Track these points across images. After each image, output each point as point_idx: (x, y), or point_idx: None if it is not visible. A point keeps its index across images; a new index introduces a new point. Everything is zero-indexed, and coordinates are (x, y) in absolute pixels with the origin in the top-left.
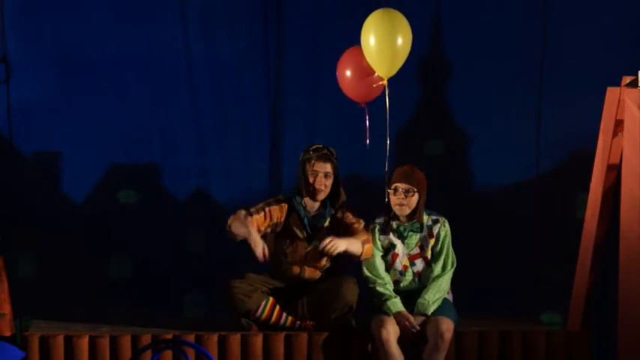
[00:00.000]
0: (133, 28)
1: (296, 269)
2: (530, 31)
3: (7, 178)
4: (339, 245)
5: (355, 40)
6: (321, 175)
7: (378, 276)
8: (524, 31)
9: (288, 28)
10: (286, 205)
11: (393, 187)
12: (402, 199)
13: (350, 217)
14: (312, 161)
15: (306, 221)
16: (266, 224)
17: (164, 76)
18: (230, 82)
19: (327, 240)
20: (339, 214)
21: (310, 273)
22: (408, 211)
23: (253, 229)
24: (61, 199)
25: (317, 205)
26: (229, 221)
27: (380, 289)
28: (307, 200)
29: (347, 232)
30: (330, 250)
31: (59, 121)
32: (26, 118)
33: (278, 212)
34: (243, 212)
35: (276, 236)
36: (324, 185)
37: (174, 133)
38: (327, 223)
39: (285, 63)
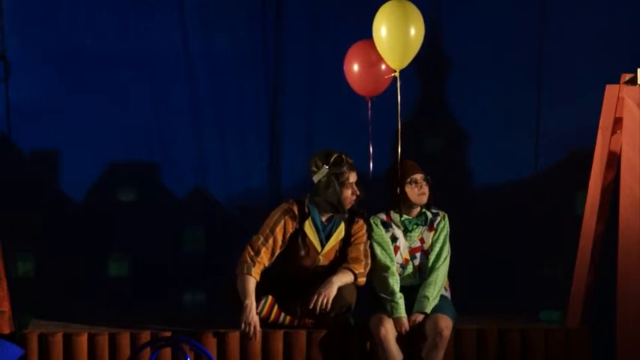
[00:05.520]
0: (131, 26)
1: (304, 274)
2: (529, 28)
3: (6, 177)
4: (330, 294)
5: (355, 37)
6: (354, 187)
7: (391, 261)
8: (523, 28)
9: (287, 25)
10: (296, 210)
11: (409, 179)
12: (425, 187)
13: (359, 242)
14: (346, 174)
15: (320, 227)
16: (278, 249)
17: (163, 74)
18: (229, 80)
19: (315, 298)
20: (354, 228)
21: (318, 277)
22: (426, 199)
23: (251, 300)
24: (59, 197)
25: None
26: (238, 271)
27: (391, 282)
28: (322, 206)
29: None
30: (324, 306)
31: (58, 119)
32: (25, 117)
33: (290, 225)
34: (248, 261)
35: (290, 239)
36: (355, 195)
37: (173, 131)
38: (342, 233)
39: (284, 61)
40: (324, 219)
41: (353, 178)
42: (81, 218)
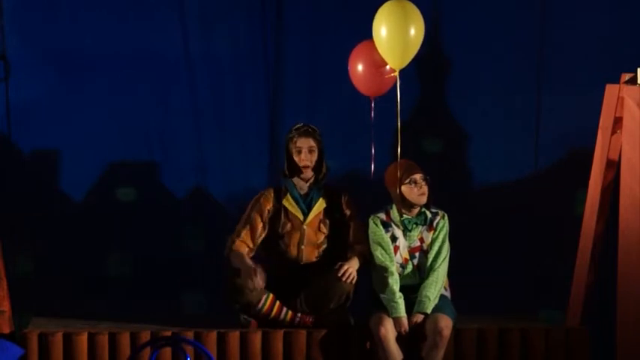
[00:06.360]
0: (131, 25)
1: (294, 251)
2: (529, 28)
3: (6, 176)
4: (354, 272)
5: (355, 37)
6: (305, 150)
7: (390, 261)
8: (524, 27)
9: (287, 25)
10: (272, 192)
11: (408, 179)
12: (424, 187)
13: (350, 217)
14: (295, 139)
15: (300, 199)
16: (259, 230)
17: (163, 74)
18: (229, 80)
19: (342, 271)
20: (342, 201)
21: (308, 254)
22: (425, 199)
23: (245, 262)
24: (59, 196)
25: (306, 184)
26: (227, 252)
27: (390, 281)
28: (296, 180)
29: (343, 225)
30: (349, 281)
31: (58, 119)
32: (25, 117)
33: (266, 204)
34: (229, 243)
35: (271, 219)
36: (309, 161)
37: (173, 131)
38: (323, 204)
39: (284, 61)
40: (302, 192)
41: (303, 143)
42: (81, 218)
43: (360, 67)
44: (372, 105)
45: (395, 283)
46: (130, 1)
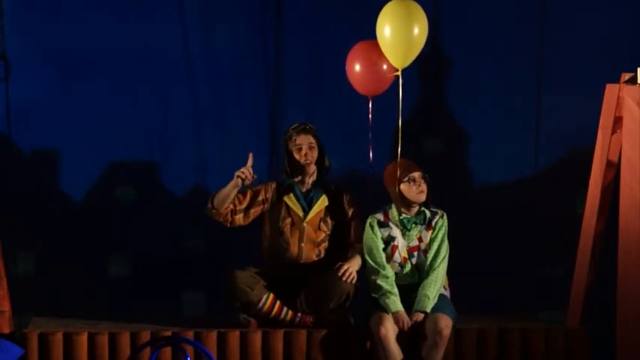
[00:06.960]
0: (131, 25)
1: (294, 249)
2: (529, 28)
3: (6, 176)
4: (354, 271)
5: (355, 36)
6: (305, 147)
7: (381, 266)
8: (523, 27)
9: (287, 25)
10: (274, 185)
11: (407, 177)
12: (423, 185)
13: (352, 216)
14: (294, 137)
15: (301, 196)
16: (247, 200)
17: (163, 74)
18: (229, 79)
19: (342, 271)
20: (344, 200)
21: (308, 252)
22: (424, 197)
23: (224, 187)
24: (59, 196)
25: (309, 181)
26: (208, 207)
27: (381, 282)
28: (299, 180)
29: (345, 224)
30: (349, 281)
31: (58, 118)
32: (25, 116)
33: (263, 191)
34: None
35: (270, 215)
36: (310, 157)
37: (173, 131)
38: (325, 202)
39: (284, 60)
40: (304, 190)
41: (303, 140)
42: (81, 218)
43: (357, 67)
44: (370, 105)
45: (385, 282)
46: (130, 1)
